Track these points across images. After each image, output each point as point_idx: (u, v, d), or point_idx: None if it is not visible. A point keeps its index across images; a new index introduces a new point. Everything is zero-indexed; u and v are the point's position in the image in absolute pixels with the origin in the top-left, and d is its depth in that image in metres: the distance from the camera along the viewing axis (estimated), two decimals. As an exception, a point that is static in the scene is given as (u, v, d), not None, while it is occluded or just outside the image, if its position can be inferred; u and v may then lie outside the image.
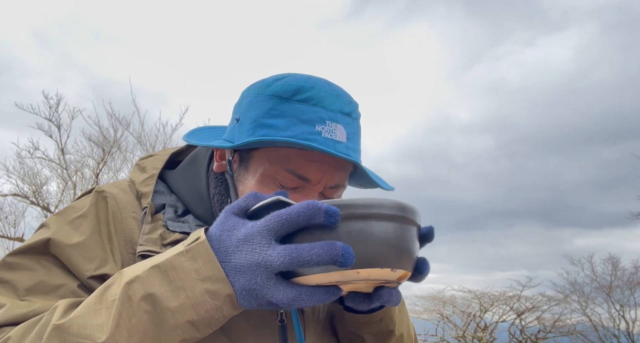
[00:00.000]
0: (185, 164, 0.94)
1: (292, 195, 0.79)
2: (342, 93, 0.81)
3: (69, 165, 8.70)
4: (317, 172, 0.78)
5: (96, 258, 0.76)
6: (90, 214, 0.81)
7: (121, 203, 0.83)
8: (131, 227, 0.81)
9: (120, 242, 0.80)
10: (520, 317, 12.72)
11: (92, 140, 8.76)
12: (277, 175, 0.78)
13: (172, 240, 0.79)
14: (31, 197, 8.42)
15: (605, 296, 12.42)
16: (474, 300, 13.36)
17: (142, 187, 0.88)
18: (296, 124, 0.75)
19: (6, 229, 8.61)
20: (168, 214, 0.84)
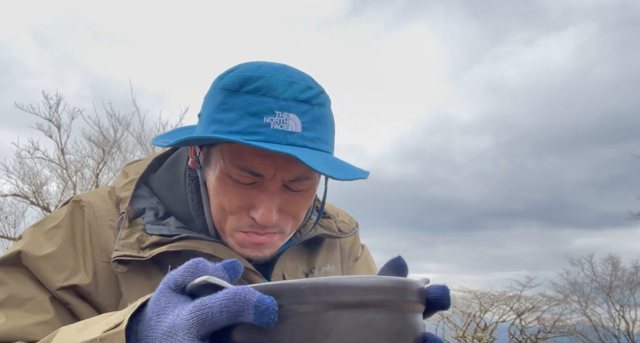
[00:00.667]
0: (167, 165, 0.93)
1: (250, 191, 0.76)
2: (298, 79, 0.75)
3: (69, 165, 8.70)
4: (269, 167, 0.74)
5: (66, 269, 0.77)
6: (65, 224, 0.81)
7: (98, 212, 0.83)
8: (107, 235, 0.81)
9: (95, 251, 0.80)
10: (520, 317, 12.72)
11: (92, 140, 8.76)
12: (231, 173, 0.75)
13: (150, 242, 0.78)
14: (31, 197, 8.42)
15: (605, 296, 12.43)
16: (474, 300, 13.36)
17: (121, 192, 0.88)
18: (244, 118, 0.71)
19: (6, 229, 8.61)
20: (148, 217, 0.84)
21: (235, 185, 0.77)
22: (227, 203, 0.78)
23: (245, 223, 0.78)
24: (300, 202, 0.81)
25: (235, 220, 0.79)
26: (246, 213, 0.78)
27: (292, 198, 0.79)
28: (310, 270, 0.96)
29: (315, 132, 0.75)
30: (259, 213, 0.76)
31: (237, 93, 0.73)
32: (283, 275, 0.90)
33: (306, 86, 0.75)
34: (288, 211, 0.80)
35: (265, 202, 0.76)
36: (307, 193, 0.81)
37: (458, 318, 13.52)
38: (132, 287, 0.79)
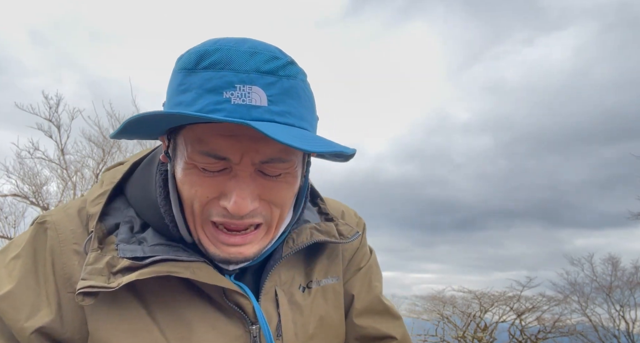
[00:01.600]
0: (141, 168, 0.85)
1: (219, 178, 0.68)
2: (261, 49, 0.67)
3: (69, 165, 8.69)
4: (235, 149, 0.66)
5: (26, 306, 0.70)
6: (25, 253, 0.74)
7: (62, 235, 0.75)
8: (70, 262, 0.74)
9: (58, 281, 0.73)
10: (520, 317, 12.72)
11: (92, 140, 8.76)
12: (196, 160, 0.68)
13: (121, 267, 0.70)
14: (31, 197, 8.40)
15: (605, 296, 12.41)
16: (474, 301, 13.36)
17: (91, 206, 0.79)
18: (202, 96, 0.64)
19: (6, 229, 8.59)
20: (122, 234, 0.75)
21: (202, 175, 0.69)
22: (195, 196, 0.70)
23: (215, 212, 0.70)
24: (280, 189, 0.72)
25: (205, 209, 0.70)
26: (217, 202, 0.69)
27: (269, 184, 0.70)
28: (308, 284, 0.87)
29: (285, 105, 0.67)
30: (231, 202, 0.67)
31: (194, 71, 0.66)
32: (275, 292, 0.82)
33: (271, 56, 0.67)
34: (268, 199, 0.71)
35: (236, 189, 0.67)
36: (287, 179, 0.72)
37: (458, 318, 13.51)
38: (100, 322, 0.71)
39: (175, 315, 0.74)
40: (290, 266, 0.86)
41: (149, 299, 0.74)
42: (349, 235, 0.90)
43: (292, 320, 0.82)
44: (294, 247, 0.83)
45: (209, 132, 0.66)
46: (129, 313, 0.72)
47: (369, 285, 0.99)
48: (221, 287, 0.75)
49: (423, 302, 14.45)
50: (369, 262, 1.02)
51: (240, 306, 0.77)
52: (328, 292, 0.91)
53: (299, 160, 0.73)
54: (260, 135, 0.65)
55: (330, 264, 0.93)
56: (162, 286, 0.74)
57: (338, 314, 0.91)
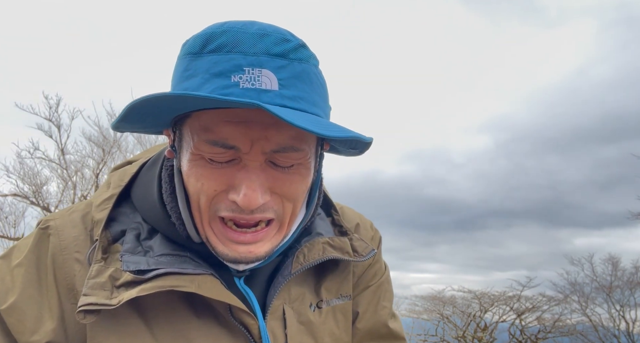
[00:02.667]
0: (146, 168, 0.80)
1: (228, 170, 0.64)
2: (271, 31, 0.62)
3: (69, 165, 8.68)
4: (244, 137, 0.61)
5: (29, 319, 0.67)
6: (27, 261, 0.71)
7: (64, 242, 0.72)
8: (72, 272, 0.70)
9: (61, 291, 0.70)
10: (520, 317, 12.72)
11: (92, 140, 8.75)
12: (203, 151, 0.63)
13: (124, 281, 0.66)
14: (31, 197, 8.39)
15: (605, 296, 12.41)
16: (474, 301, 13.36)
17: (96, 212, 0.74)
18: (209, 81, 0.60)
19: (6, 229, 8.59)
20: (128, 243, 0.71)
21: (209, 166, 0.64)
22: (202, 189, 0.65)
23: (223, 206, 0.65)
24: (292, 181, 0.66)
25: (213, 204, 0.66)
26: (225, 195, 0.65)
27: (281, 176, 0.65)
28: (318, 304, 0.81)
29: (297, 90, 0.62)
30: (241, 195, 0.62)
31: (200, 55, 0.62)
32: (283, 310, 0.77)
33: (281, 38, 0.62)
34: (280, 192, 0.66)
35: (246, 181, 0.62)
36: (300, 170, 0.67)
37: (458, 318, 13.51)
38: (99, 338, 0.67)
39: (177, 332, 0.70)
40: (301, 281, 0.81)
41: (151, 315, 0.70)
42: (364, 252, 0.83)
43: (300, 341, 0.77)
44: (305, 264, 0.77)
45: (216, 119, 0.61)
46: (129, 331, 0.68)
47: (376, 305, 0.91)
48: (227, 304, 0.71)
49: (423, 302, 14.45)
50: (381, 280, 0.94)
51: (245, 325, 0.72)
52: (338, 313, 0.84)
53: (311, 151, 0.68)
54: (271, 122, 0.61)
55: (341, 282, 0.86)
56: (165, 301, 0.70)
57: (348, 338, 0.86)
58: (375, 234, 0.97)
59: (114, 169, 0.84)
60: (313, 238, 0.80)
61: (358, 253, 0.83)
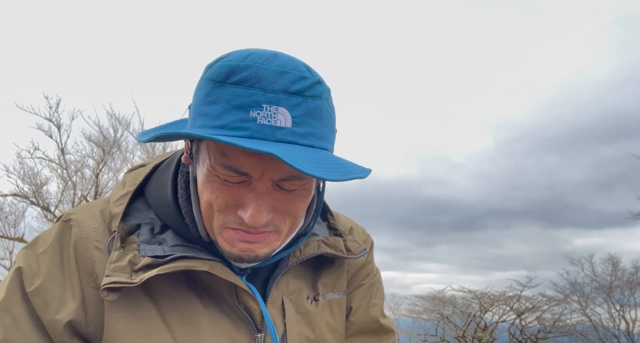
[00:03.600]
0: (160, 170, 0.87)
1: (239, 190, 0.71)
2: (291, 68, 0.68)
3: (69, 165, 8.68)
4: (256, 167, 0.68)
5: (54, 300, 0.74)
6: (51, 249, 0.78)
7: (85, 232, 0.79)
8: (92, 259, 0.77)
9: (82, 276, 0.77)
10: (520, 317, 12.73)
11: (92, 140, 8.74)
12: (218, 172, 0.70)
13: (142, 265, 0.73)
14: (31, 197, 8.39)
15: (605, 296, 12.43)
16: (474, 300, 13.36)
17: (114, 206, 0.82)
18: (229, 111, 0.65)
19: (6, 229, 8.58)
20: (143, 235, 0.79)
21: (223, 184, 0.71)
22: (215, 201, 0.72)
23: (232, 219, 0.73)
24: (294, 201, 0.74)
25: (222, 216, 0.73)
26: (234, 210, 0.72)
27: (285, 197, 0.73)
28: (315, 297, 0.89)
29: (308, 126, 0.68)
30: (247, 214, 0.70)
31: (223, 84, 0.67)
32: (282, 300, 0.84)
33: (299, 76, 0.68)
34: (283, 210, 0.74)
35: (253, 203, 0.70)
36: (302, 193, 0.75)
37: (458, 318, 13.52)
38: (114, 319, 0.74)
39: (185, 317, 0.77)
40: (298, 276, 0.88)
41: (161, 300, 0.77)
42: (356, 251, 0.91)
43: (299, 331, 0.84)
44: (300, 257, 0.85)
45: (233, 148, 0.68)
46: (141, 314, 0.75)
47: (369, 301, 0.99)
48: (233, 288, 0.79)
49: (423, 302, 14.46)
50: (373, 280, 1.02)
51: (249, 310, 0.79)
52: (334, 306, 0.92)
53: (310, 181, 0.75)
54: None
55: (337, 278, 0.94)
56: (174, 287, 0.78)
57: (342, 329, 0.93)
58: (367, 238, 1.05)
59: (129, 171, 0.92)
60: (308, 238, 0.88)
61: (351, 252, 0.91)
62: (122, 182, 0.89)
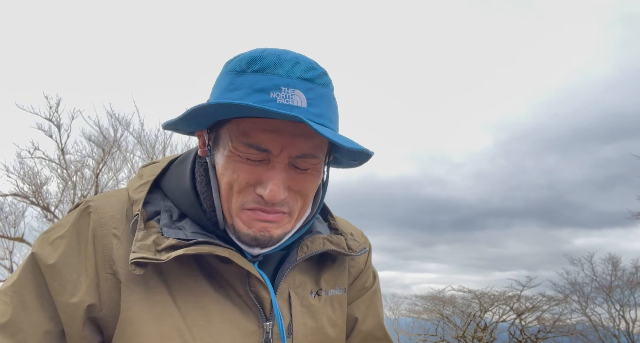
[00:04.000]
0: (175, 164, 0.93)
1: (258, 168, 0.77)
2: (302, 60, 0.78)
3: (69, 165, 8.67)
4: (276, 143, 0.75)
5: (69, 283, 0.77)
6: (69, 234, 0.81)
7: (103, 219, 0.82)
8: (110, 245, 0.80)
9: (99, 261, 0.79)
10: (520, 317, 12.73)
11: (92, 140, 8.73)
12: (240, 151, 0.77)
13: (166, 245, 0.76)
14: (31, 197, 8.38)
15: (605, 296, 12.43)
16: (474, 300, 13.37)
17: (135, 193, 0.87)
18: (251, 94, 0.73)
19: (6, 229, 8.58)
20: (163, 220, 0.82)
21: (244, 163, 0.77)
22: (235, 180, 0.78)
23: (251, 199, 0.78)
24: (307, 181, 0.81)
25: (241, 197, 0.79)
26: (253, 190, 0.78)
27: (298, 176, 0.80)
28: (318, 292, 0.93)
29: (320, 108, 0.77)
30: (267, 190, 0.76)
31: (244, 73, 0.76)
32: (289, 293, 0.88)
33: (310, 66, 0.78)
34: (296, 190, 0.80)
35: (273, 179, 0.76)
36: (314, 174, 0.82)
37: (458, 318, 13.52)
38: (130, 302, 0.77)
39: (197, 303, 0.80)
40: (303, 271, 0.92)
41: (174, 285, 0.80)
42: (357, 250, 0.97)
43: (303, 322, 0.88)
44: (308, 252, 0.89)
45: (253, 127, 0.75)
46: (155, 297, 0.78)
47: (375, 310, 1.05)
48: (245, 277, 0.82)
49: (423, 302, 14.46)
50: (374, 286, 1.07)
51: (259, 299, 0.82)
52: (335, 302, 0.96)
53: (323, 158, 0.82)
54: (298, 133, 0.76)
55: (338, 276, 0.98)
56: (187, 273, 0.81)
57: (343, 324, 0.97)
58: (366, 241, 1.10)
59: (144, 166, 0.97)
60: (314, 235, 0.93)
61: (353, 250, 0.96)
62: (139, 174, 0.93)
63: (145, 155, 8.92)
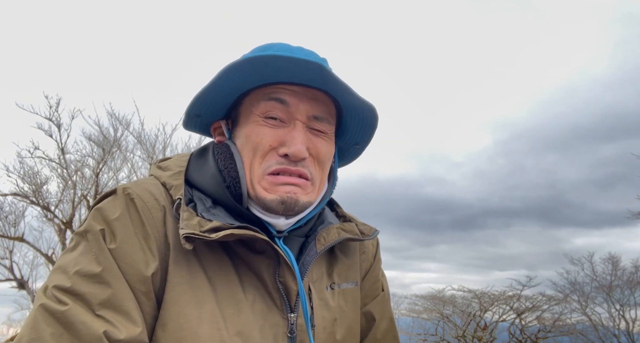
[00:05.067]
0: (195, 157, 0.96)
1: (280, 131, 0.85)
2: (306, 50, 0.91)
3: (69, 164, 8.67)
4: (294, 98, 0.85)
5: (139, 263, 0.77)
6: (123, 217, 0.81)
7: (148, 203, 0.83)
8: (161, 226, 0.82)
9: (157, 238, 0.81)
10: (520, 317, 12.72)
11: (92, 140, 8.73)
12: (260, 110, 0.86)
13: (210, 227, 0.79)
14: (31, 196, 8.38)
15: (605, 296, 12.43)
16: (474, 300, 13.36)
17: (171, 180, 0.89)
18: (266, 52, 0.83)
19: (6, 229, 8.58)
20: (200, 206, 0.85)
21: (265, 126, 0.85)
22: (259, 144, 0.85)
23: (274, 161, 0.84)
24: (323, 146, 0.88)
25: (264, 162, 0.84)
26: (275, 153, 0.84)
27: (316, 140, 0.88)
28: (331, 285, 0.95)
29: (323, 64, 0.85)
30: (291, 148, 0.83)
31: (261, 52, 0.86)
32: (309, 286, 0.91)
33: (313, 54, 0.91)
34: (314, 154, 0.87)
35: (295, 138, 0.83)
36: (328, 141, 0.90)
37: (458, 317, 13.52)
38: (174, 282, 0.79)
39: (230, 291, 0.82)
40: (319, 265, 0.95)
41: (210, 271, 0.82)
42: (369, 233, 1.00)
43: (322, 315, 0.90)
44: (326, 244, 0.91)
45: (275, 89, 0.86)
46: (196, 282, 0.80)
47: (389, 315, 1.08)
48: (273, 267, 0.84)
49: (423, 302, 14.45)
50: (387, 288, 1.12)
51: (287, 290, 0.84)
52: (347, 295, 0.98)
53: (333, 131, 0.92)
54: (313, 97, 0.87)
55: (349, 269, 1.01)
56: (219, 261, 0.83)
57: (356, 316, 1.00)
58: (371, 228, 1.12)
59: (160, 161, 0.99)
60: (327, 226, 0.95)
61: (365, 235, 0.99)
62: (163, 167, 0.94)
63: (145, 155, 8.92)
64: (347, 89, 0.84)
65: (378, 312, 1.06)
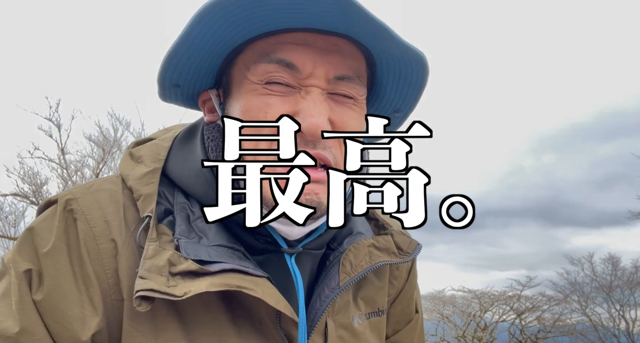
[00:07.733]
0: (179, 142, 0.72)
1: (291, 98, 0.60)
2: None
3: (69, 165, 8.65)
4: (305, 56, 0.60)
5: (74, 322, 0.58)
6: (56, 251, 0.60)
7: (95, 228, 0.61)
8: (108, 260, 0.60)
9: (102, 284, 0.60)
10: (520, 317, 12.73)
11: (92, 140, 8.72)
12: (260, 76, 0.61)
13: (184, 270, 0.57)
14: (31, 196, 8.36)
15: (605, 296, 12.43)
16: (473, 300, 13.36)
17: (139, 185, 0.65)
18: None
19: (6, 229, 8.56)
20: (180, 226, 0.62)
21: (270, 94, 0.61)
22: (265, 118, 0.60)
23: None
24: (350, 117, 0.62)
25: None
26: None
27: (340, 110, 0.62)
28: (359, 316, 0.74)
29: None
30: (306, 120, 0.58)
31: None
32: (326, 323, 0.68)
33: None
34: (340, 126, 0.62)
35: (310, 106, 0.59)
36: (356, 109, 0.64)
37: (458, 318, 13.51)
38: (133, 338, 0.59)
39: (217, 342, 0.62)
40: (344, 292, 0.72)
41: (190, 320, 0.61)
42: (409, 249, 0.75)
43: None
44: (353, 274, 0.69)
45: (275, 42, 0.60)
46: (167, 336, 0.60)
47: (423, 339, 0.90)
48: (275, 313, 0.63)
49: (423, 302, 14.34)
50: (421, 309, 0.91)
51: (288, 335, 0.65)
52: (373, 327, 0.78)
53: (364, 95, 0.66)
54: (333, 48, 0.61)
55: (377, 293, 0.79)
56: (204, 304, 0.62)
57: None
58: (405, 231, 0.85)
59: (136, 144, 0.75)
60: (356, 240, 0.73)
61: (403, 251, 0.75)
62: (135, 156, 0.71)
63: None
64: (385, 30, 0.57)
65: (408, 338, 0.86)
